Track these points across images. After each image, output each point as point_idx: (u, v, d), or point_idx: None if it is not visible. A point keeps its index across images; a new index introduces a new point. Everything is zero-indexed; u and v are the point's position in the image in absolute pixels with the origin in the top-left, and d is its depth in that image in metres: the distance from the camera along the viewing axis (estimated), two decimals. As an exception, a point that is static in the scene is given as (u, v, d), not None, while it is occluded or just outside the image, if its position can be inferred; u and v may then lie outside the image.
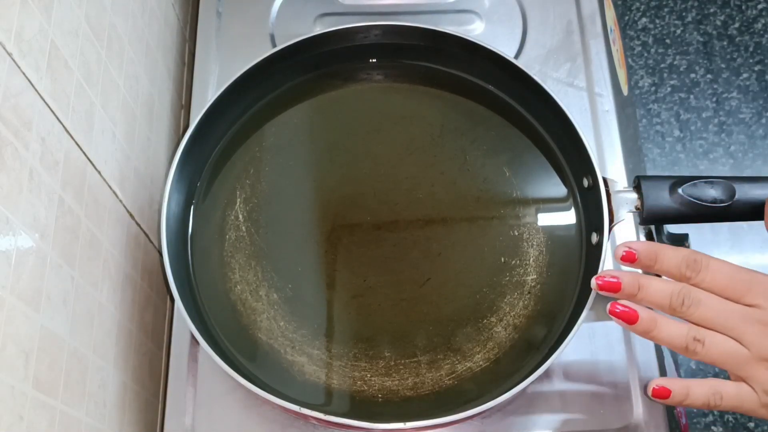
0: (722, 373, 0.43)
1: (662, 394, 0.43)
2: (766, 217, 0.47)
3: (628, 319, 0.42)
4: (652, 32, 1.50)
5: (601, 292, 0.44)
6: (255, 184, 0.57)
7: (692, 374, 1.22)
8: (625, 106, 0.70)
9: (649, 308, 0.43)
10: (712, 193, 0.49)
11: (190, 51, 0.71)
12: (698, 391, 0.43)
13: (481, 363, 0.52)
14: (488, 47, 0.56)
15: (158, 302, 0.59)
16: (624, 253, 0.43)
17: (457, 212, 0.57)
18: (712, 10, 1.51)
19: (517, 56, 0.67)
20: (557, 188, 0.57)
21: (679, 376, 0.71)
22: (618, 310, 0.43)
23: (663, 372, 0.56)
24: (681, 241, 0.63)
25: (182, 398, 0.54)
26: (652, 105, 1.44)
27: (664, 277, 0.44)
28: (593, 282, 0.44)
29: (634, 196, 0.50)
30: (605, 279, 0.43)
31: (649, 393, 0.43)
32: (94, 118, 0.48)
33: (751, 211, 0.49)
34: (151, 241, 0.58)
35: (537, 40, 0.68)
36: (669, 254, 0.43)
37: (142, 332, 0.55)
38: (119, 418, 0.50)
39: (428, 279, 0.54)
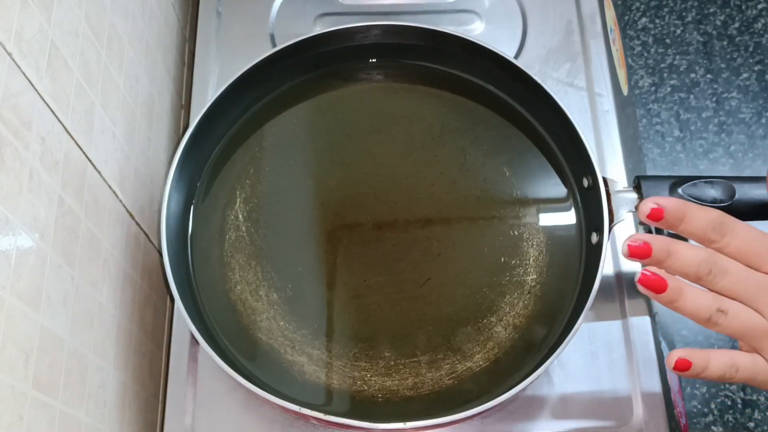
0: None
1: (684, 366, 0.41)
2: None
3: (657, 288, 0.40)
4: (652, 32, 1.50)
5: (631, 258, 0.41)
6: (255, 184, 0.57)
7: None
8: (625, 106, 0.70)
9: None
10: (712, 193, 0.49)
11: (190, 51, 0.71)
12: (717, 363, 0.41)
13: (481, 363, 0.52)
14: (488, 47, 0.56)
15: (158, 302, 0.59)
16: (650, 210, 0.40)
17: (457, 212, 0.57)
18: (712, 10, 1.51)
19: (517, 56, 0.67)
20: (557, 188, 0.57)
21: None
22: (648, 277, 0.40)
23: (663, 371, 0.56)
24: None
25: (182, 398, 0.54)
26: (652, 105, 1.44)
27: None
28: (624, 247, 0.41)
29: (634, 196, 0.50)
30: (637, 243, 0.40)
31: (671, 366, 0.41)
32: (94, 118, 0.48)
33: (751, 211, 0.49)
34: (151, 241, 0.58)
35: (537, 40, 0.68)
36: (698, 214, 0.40)
37: (142, 332, 0.55)
38: (119, 418, 0.50)
39: (428, 279, 0.54)
